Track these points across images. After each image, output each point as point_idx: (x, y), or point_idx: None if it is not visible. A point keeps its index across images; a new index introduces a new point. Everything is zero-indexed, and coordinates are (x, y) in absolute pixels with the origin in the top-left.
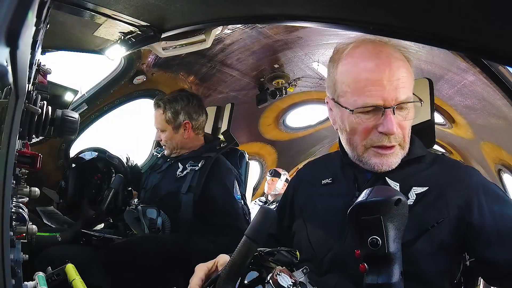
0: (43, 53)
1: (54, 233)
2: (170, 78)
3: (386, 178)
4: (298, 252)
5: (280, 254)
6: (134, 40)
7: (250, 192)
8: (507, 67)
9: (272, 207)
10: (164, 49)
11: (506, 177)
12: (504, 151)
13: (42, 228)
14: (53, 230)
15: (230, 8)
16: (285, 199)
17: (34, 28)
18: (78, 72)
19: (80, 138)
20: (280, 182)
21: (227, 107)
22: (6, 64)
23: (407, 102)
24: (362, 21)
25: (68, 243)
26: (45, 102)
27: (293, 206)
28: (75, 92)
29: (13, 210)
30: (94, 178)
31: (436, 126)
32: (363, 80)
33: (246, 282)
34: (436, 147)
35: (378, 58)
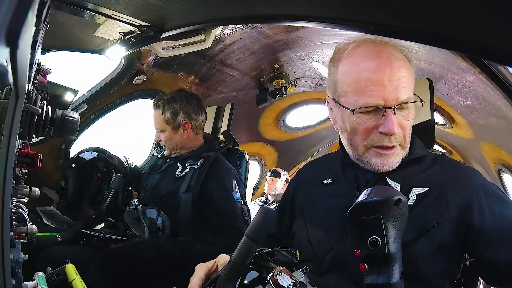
0: (43, 53)
1: (54, 233)
2: (170, 78)
3: (387, 178)
4: (298, 252)
5: (280, 254)
6: (134, 40)
7: (250, 192)
8: (507, 67)
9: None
10: (164, 49)
11: (506, 177)
12: (504, 151)
13: (42, 228)
14: (53, 230)
15: (230, 8)
16: (285, 199)
17: (34, 28)
18: (78, 72)
19: (80, 138)
20: (280, 182)
21: (227, 107)
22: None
23: (408, 102)
24: (362, 21)
25: (68, 243)
26: (45, 102)
27: (293, 206)
28: (75, 92)
29: (13, 210)
30: (94, 178)
31: (436, 126)
32: (364, 80)
33: (246, 282)
34: (436, 147)
35: (379, 58)
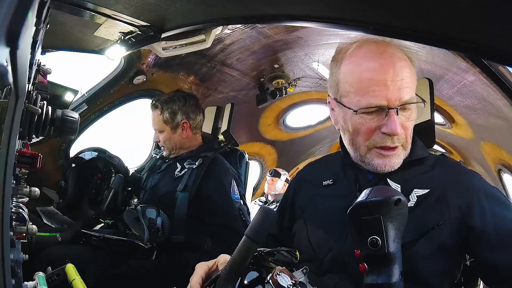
0: (43, 53)
1: (54, 233)
2: (170, 78)
3: (388, 179)
4: (298, 252)
5: (280, 254)
6: (134, 40)
7: (250, 192)
8: (507, 67)
9: (272, 207)
10: (164, 49)
11: (506, 177)
12: (504, 151)
13: (42, 228)
14: (53, 230)
15: (230, 8)
16: (285, 200)
17: (34, 28)
18: (78, 72)
19: (80, 138)
20: (280, 182)
21: (227, 107)
22: (6, 64)
23: (411, 102)
24: (362, 21)
25: (68, 243)
26: (45, 102)
27: (293, 206)
28: (75, 92)
29: (13, 210)
30: (94, 178)
31: (436, 126)
32: (367, 80)
33: (246, 282)
34: (436, 147)
35: (381, 58)
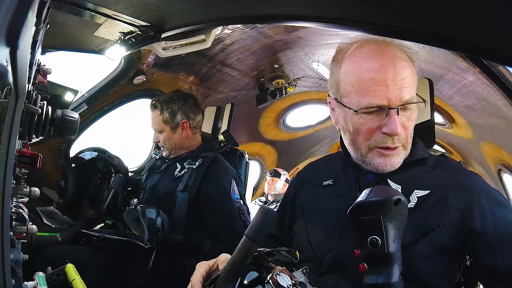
0: (43, 53)
1: (54, 233)
2: (170, 78)
3: (388, 180)
4: (298, 252)
5: (280, 254)
6: (134, 40)
7: (250, 192)
8: (507, 67)
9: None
10: (164, 49)
11: (506, 177)
12: (504, 151)
13: (42, 228)
14: (53, 230)
15: (230, 8)
16: (286, 200)
17: (34, 28)
18: (78, 72)
19: (80, 138)
20: (280, 182)
21: (227, 107)
22: (6, 64)
23: (411, 102)
24: (362, 21)
25: (68, 243)
26: (45, 102)
27: (294, 207)
28: (75, 92)
29: (13, 210)
30: (94, 178)
31: (436, 126)
32: (367, 80)
33: (246, 282)
34: (436, 147)
35: (382, 58)
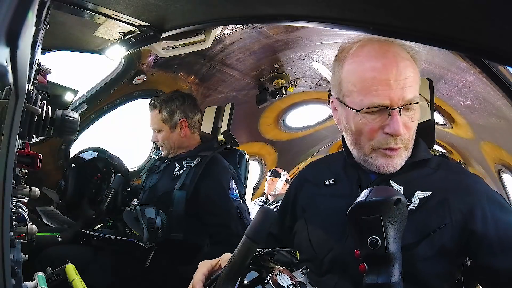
0: (43, 53)
1: (54, 233)
2: (170, 78)
3: (391, 181)
4: (298, 252)
5: (280, 254)
6: (134, 40)
7: (250, 192)
8: (507, 67)
9: (272, 207)
10: (164, 49)
11: (506, 177)
12: (504, 151)
13: (42, 228)
14: (53, 230)
15: (230, 8)
16: (287, 200)
17: (34, 28)
18: (78, 72)
19: (80, 138)
20: (280, 182)
21: (227, 107)
22: (6, 64)
23: (414, 102)
24: (362, 21)
25: (68, 243)
26: (45, 102)
27: (295, 206)
28: (75, 92)
29: (13, 210)
30: (94, 178)
31: (436, 126)
32: (370, 79)
33: (246, 282)
34: (436, 147)
35: (385, 57)
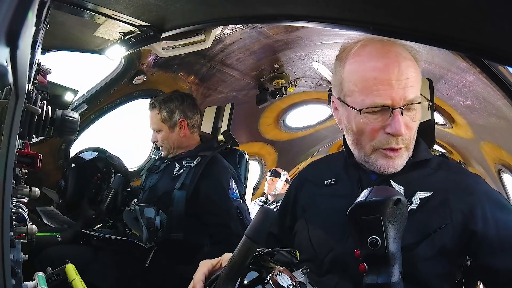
0: (43, 53)
1: (54, 233)
2: (170, 78)
3: (391, 181)
4: (298, 252)
5: (280, 254)
6: (134, 40)
7: (250, 192)
8: (507, 67)
9: (272, 207)
10: (164, 49)
11: (506, 177)
12: (504, 151)
13: (42, 228)
14: (53, 230)
15: (230, 8)
16: (287, 200)
17: (34, 28)
18: (78, 72)
19: (80, 138)
20: (280, 182)
21: (227, 107)
22: (6, 64)
23: (415, 102)
24: (362, 21)
25: (68, 243)
26: (45, 102)
27: (295, 206)
28: (75, 92)
29: (13, 210)
30: (94, 178)
31: (436, 126)
32: (372, 79)
33: (246, 282)
34: (436, 147)
35: (387, 57)
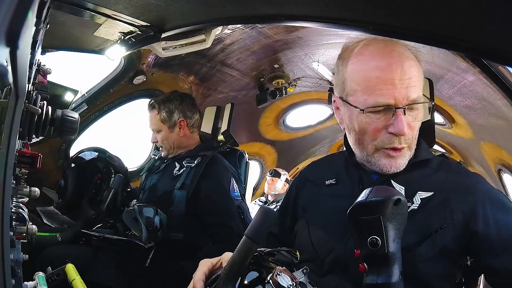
0: (43, 53)
1: (54, 233)
2: (170, 78)
3: (392, 181)
4: (298, 252)
5: (280, 254)
6: (134, 40)
7: (250, 192)
8: (507, 67)
9: (272, 207)
10: (164, 49)
11: (506, 177)
12: (504, 151)
13: (42, 228)
14: (53, 230)
15: (230, 8)
16: (287, 200)
17: (34, 28)
18: (78, 72)
19: (80, 138)
20: (280, 182)
21: (227, 107)
22: (6, 64)
23: (418, 102)
24: (362, 21)
25: (68, 243)
26: (45, 102)
27: (296, 206)
28: (75, 92)
29: (13, 210)
30: (94, 178)
31: (436, 126)
32: (374, 78)
33: (246, 282)
34: (436, 147)
35: (390, 57)
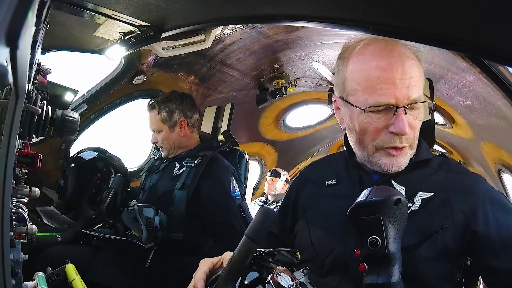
0: (43, 53)
1: (54, 233)
2: (170, 78)
3: (393, 181)
4: (299, 252)
5: (280, 254)
6: (134, 40)
7: (250, 192)
8: (507, 67)
9: (272, 207)
10: (164, 49)
11: (506, 177)
12: (504, 151)
13: (42, 228)
14: (53, 230)
15: (230, 8)
16: (288, 200)
17: (34, 28)
18: (78, 72)
19: (80, 138)
20: (280, 182)
21: (227, 107)
22: (6, 64)
23: (419, 102)
24: (362, 21)
25: (68, 243)
26: (45, 102)
27: (296, 206)
28: (75, 92)
29: (13, 210)
30: (93, 178)
31: (436, 126)
32: (375, 78)
33: (246, 282)
34: (436, 147)
35: (391, 56)
